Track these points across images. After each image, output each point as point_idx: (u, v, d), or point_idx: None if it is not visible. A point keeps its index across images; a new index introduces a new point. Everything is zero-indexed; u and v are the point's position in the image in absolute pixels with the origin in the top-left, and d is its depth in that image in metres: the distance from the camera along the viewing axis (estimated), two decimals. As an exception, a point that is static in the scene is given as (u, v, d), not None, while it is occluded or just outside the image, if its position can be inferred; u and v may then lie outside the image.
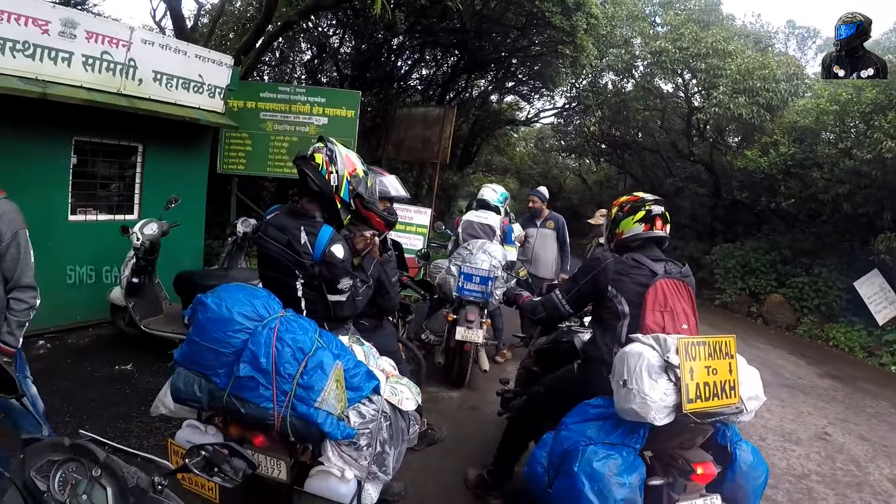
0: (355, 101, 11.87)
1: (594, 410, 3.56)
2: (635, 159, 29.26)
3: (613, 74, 24.00)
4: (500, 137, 30.67)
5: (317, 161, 3.76)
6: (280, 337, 3.03)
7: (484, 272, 7.23)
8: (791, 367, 11.66)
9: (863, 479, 6.59)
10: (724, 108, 17.44)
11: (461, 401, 7.19)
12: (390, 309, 4.55)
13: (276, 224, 3.74)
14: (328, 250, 3.55)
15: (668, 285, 3.80)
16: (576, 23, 14.96)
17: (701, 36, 19.27)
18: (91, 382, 6.76)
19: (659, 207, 4.07)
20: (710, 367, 3.25)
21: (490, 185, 8.85)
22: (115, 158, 9.09)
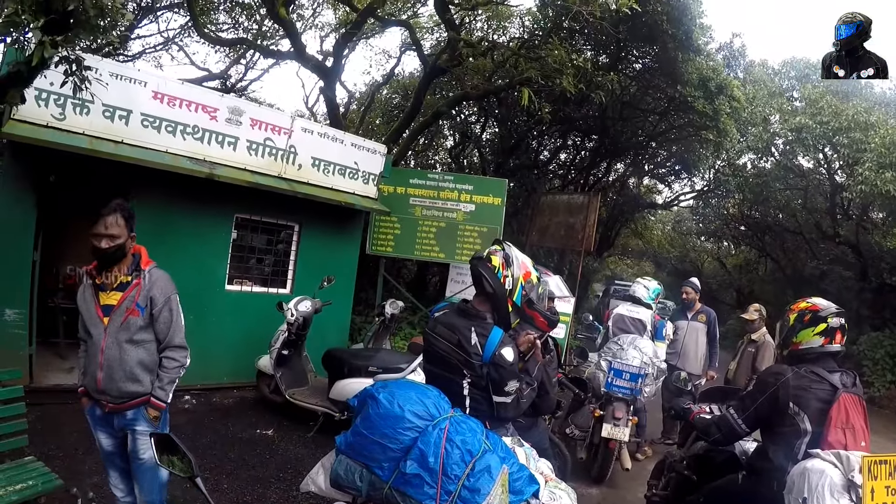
0: (502, 189, 12.08)
1: None
2: (776, 241, 28.37)
3: (752, 154, 23.68)
4: (637, 221, 30.35)
5: (493, 263, 3.78)
6: (450, 438, 3.02)
7: (634, 368, 7.17)
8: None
9: None
10: (871, 185, 16.70)
11: (601, 498, 7.05)
12: (548, 409, 4.52)
13: (445, 322, 3.78)
14: (498, 353, 3.56)
15: (848, 400, 3.64)
16: (718, 107, 14.91)
17: (841, 108, 18.70)
18: (232, 442, 7.08)
19: (839, 320, 3.90)
20: (889, 487, 3.11)
21: (642, 281, 8.84)
22: (273, 235, 9.74)
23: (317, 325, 8.59)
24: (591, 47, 16.31)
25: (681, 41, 13.94)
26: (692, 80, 14.41)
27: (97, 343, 3.99)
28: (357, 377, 7.20)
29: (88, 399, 4.19)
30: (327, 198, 9.32)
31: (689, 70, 14.35)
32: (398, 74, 21.77)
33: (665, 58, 14.67)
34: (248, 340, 8.99)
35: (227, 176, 8.19)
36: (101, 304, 4.01)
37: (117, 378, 3.99)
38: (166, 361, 4.19)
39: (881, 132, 17.18)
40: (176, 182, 7.91)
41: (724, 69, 16.46)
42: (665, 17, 13.18)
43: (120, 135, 7.53)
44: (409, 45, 16.94)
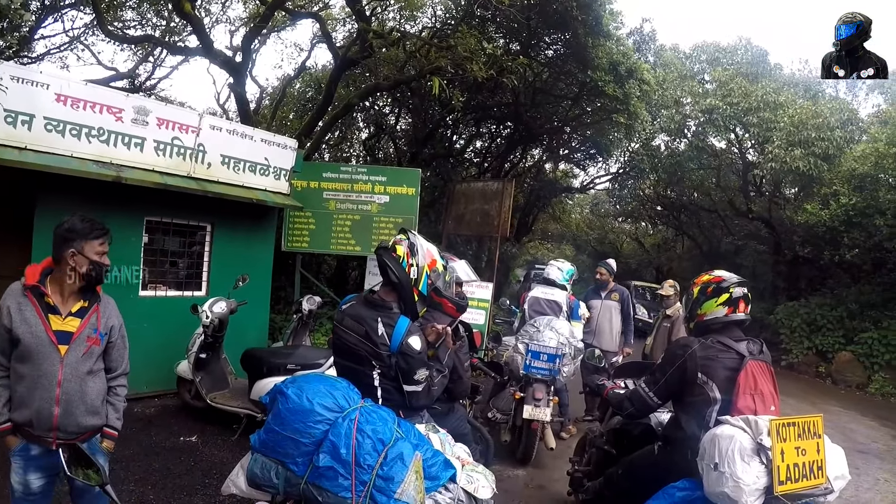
0: (416, 179, 12.09)
1: (680, 493, 3.53)
2: (692, 220, 29.14)
3: (666, 136, 24.16)
4: (555, 206, 30.61)
5: (398, 253, 3.79)
6: (360, 428, 3.05)
7: (551, 349, 7.22)
8: (864, 431, 11.24)
9: None
10: (781, 162, 17.41)
11: (528, 479, 7.06)
12: (462, 394, 4.55)
13: (352, 314, 3.78)
14: (405, 342, 3.56)
15: (756, 367, 3.74)
16: (629, 90, 15.12)
17: (750, 90, 19.43)
18: (156, 452, 6.88)
19: (742, 289, 4.00)
20: (799, 447, 3.24)
21: (556, 263, 8.82)
22: (185, 237, 9.45)
23: (235, 327, 8.42)
24: (503, 35, 16.31)
25: (591, 27, 14.02)
26: (602, 64, 14.54)
27: (50, 374, 3.59)
28: (276, 376, 6.99)
29: (19, 437, 3.69)
30: (238, 196, 9.06)
31: (600, 55, 14.45)
32: (310, 68, 21.44)
33: (576, 43, 14.72)
34: (167, 346, 8.70)
35: (135, 178, 7.90)
36: (55, 330, 3.61)
37: (78, 413, 3.67)
38: (119, 389, 3.98)
39: (790, 111, 17.93)
40: (83, 187, 7.63)
41: (635, 53, 16.65)
42: (575, 3, 13.25)
43: (23, 141, 7.22)
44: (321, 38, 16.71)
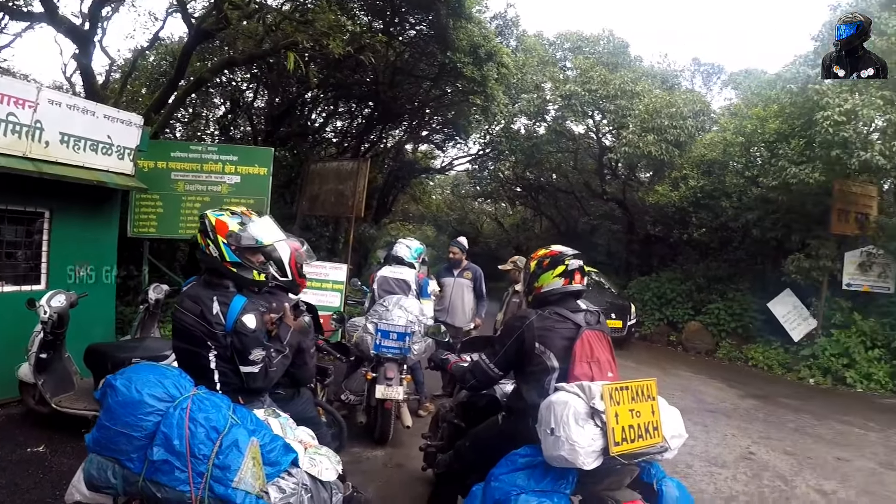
0: (268, 158, 11.60)
1: (522, 460, 3.53)
2: (550, 201, 29.94)
3: (526, 119, 24.57)
4: (415, 186, 30.71)
5: (198, 241, 3.78)
6: (192, 417, 2.96)
7: (401, 328, 7.20)
8: (713, 392, 11.96)
9: (790, 493, 6.74)
10: (634, 147, 18.10)
11: (386, 459, 6.99)
12: (306, 379, 4.43)
13: (190, 295, 3.69)
14: (239, 320, 3.51)
15: (592, 336, 3.84)
16: (487, 72, 15.23)
17: (609, 78, 20.17)
18: (2, 467, 6.33)
19: (577, 262, 4.11)
20: (633, 410, 3.34)
21: (404, 241, 8.74)
22: (22, 225, 8.51)
23: (79, 322, 7.76)
24: (366, 12, 16.09)
25: (454, 8, 14.05)
26: (463, 46, 14.60)
27: None
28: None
29: None
30: (76, 177, 8.27)
31: (461, 37, 14.53)
32: (165, 39, 20.11)
33: (439, 24, 14.73)
34: (6, 349, 7.84)
35: (-38, 160, 7.26)
36: None
37: None
38: None
39: (645, 100, 18.84)
40: None
41: (497, 38, 16.87)
42: (439, -16, 13.16)
43: None
44: (177, 6, 15.86)
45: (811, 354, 14.01)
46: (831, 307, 14.52)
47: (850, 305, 14.33)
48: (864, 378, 13.06)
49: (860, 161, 12.38)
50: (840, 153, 12.50)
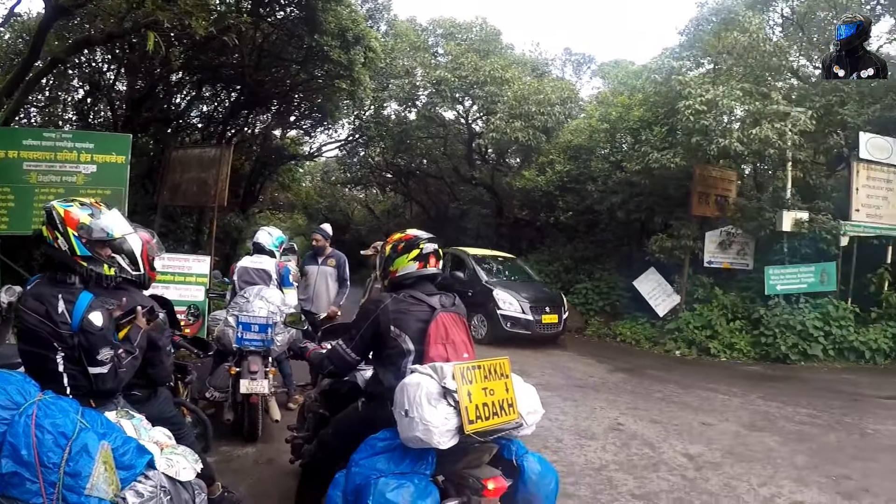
0: (126, 146, 10.81)
1: (381, 443, 3.59)
2: (420, 186, 30.06)
3: (397, 104, 24.53)
4: (284, 174, 30.02)
5: (45, 234, 3.55)
6: (39, 423, 2.76)
7: (262, 319, 7.00)
8: (582, 368, 12.27)
9: (658, 459, 7.03)
10: (502, 133, 18.49)
11: (257, 455, 6.76)
12: (164, 378, 4.23)
13: (34, 293, 3.45)
14: (86, 318, 3.30)
15: (447, 318, 3.88)
16: (353, 57, 15.05)
17: (480, 65, 20.46)
18: None
19: (432, 245, 4.15)
20: (486, 388, 3.40)
21: (265, 229, 8.59)
22: None
23: None
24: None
25: (324, -11, 13.81)
26: (331, 29, 14.41)
27: None
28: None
29: None
30: None
31: (330, 20, 14.35)
32: (22, 14, 18.86)
33: (308, 6, 14.49)
34: None
35: None
36: None
37: None
38: None
39: (514, 87, 19.26)
40: None
41: (367, 21, 16.72)
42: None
43: None
44: (34, -22, 14.80)
45: (676, 328, 14.84)
46: (694, 283, 15.55)
47: (712, 281, 15.42)
48: (727, 348, 13.97)
49: (719, 147, 13.35)
50: (700, 140, 13.37)
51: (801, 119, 13.42)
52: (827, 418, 9.02)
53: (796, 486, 6.29)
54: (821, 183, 16.09)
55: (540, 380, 10.71)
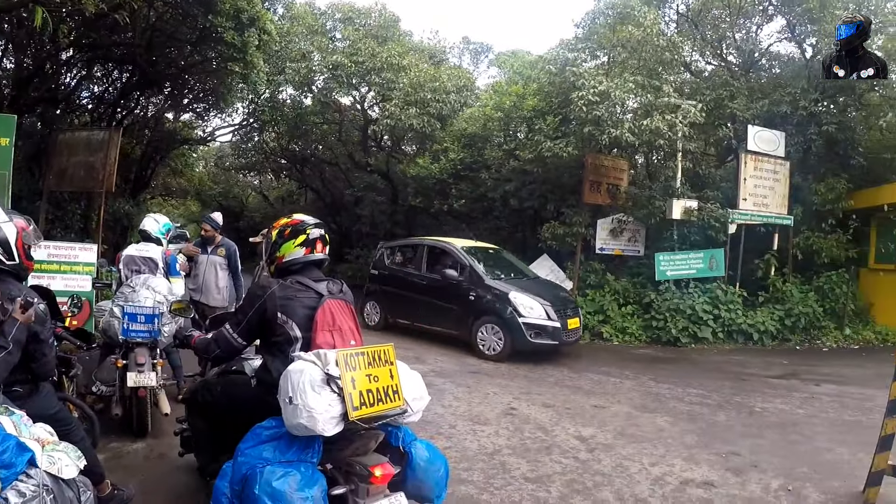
0: (10, 127, 10.13)
1: (267, 432, 3.55)
2: (315, 173, 29.72)
3: (293, 89, 24.14)
4: (177, 158, 29.18)
5: None
6: None
7: (148, 309, 6.75)
8: (476, 354, 12.22)
9: (551, 442, 7.14)
10: (396, 120, 18.46)
11: (147, 451, 6.53)
12: (47, 373, 4.06)
13: None
14: None
15: (334, 305, 3.91)
16: (248, 39, 14.72)
17: (378, 51, 20.36)
18: None
19: (319, 230, 4.18)
20: (371, 374, 3.44)
21: (151, 216, 8.28)
22: None
23: None
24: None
25: (220, -32, 13.53)
26: (225, 10, 14.03)
27: None
28: None
29: None
30: None
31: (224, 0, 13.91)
32: None
33: (203, -15, 14.04)
34: None
35: None
36: None
37: None
38: None
39: (410, 74, 19.26)
40: None
41: (263, 3, 16.38)
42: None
43: None
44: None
45: None
46: (586, 269, 16.00)
47: (604, 267, 15.97)
48: (620, 332, 14.47)
49: (611, 137, 13.76)
50: (592, 130, 13.73)
51: (691, 112, 14.00)
52: (716, 398, 9.39)
53: (687, 465, 6.50)
54: (710, 173, 16.90)
55: (434, 366, 10.82)
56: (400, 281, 14.12)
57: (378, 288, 14.73)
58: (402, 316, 14.10)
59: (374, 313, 14.60)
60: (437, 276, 13.20)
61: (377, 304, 14.61)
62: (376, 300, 14.66)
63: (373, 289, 14.84)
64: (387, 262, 14.84)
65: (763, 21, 19.40)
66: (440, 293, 13.07)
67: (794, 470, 6.45)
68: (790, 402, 9.29)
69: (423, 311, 13.51)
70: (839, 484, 6.09)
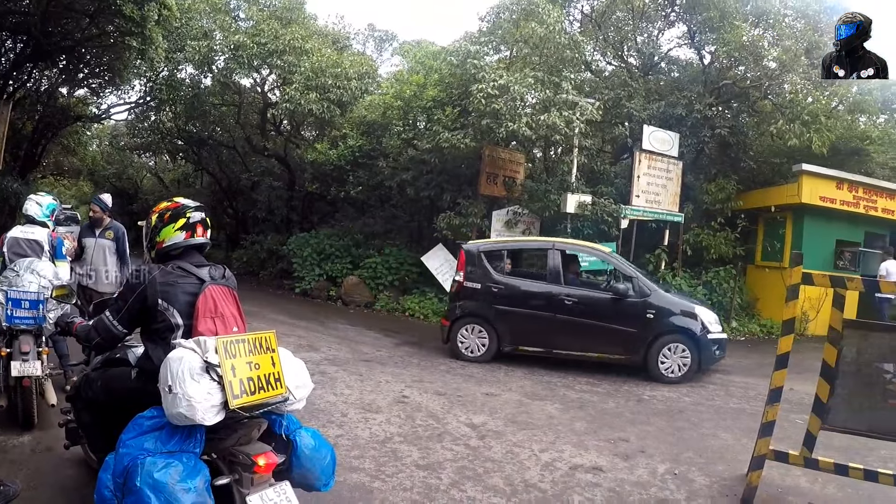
0: None
1: (148, 422, 3.47)
2: (212, 156, 28.88)
3: (192, 68, 23.53)
4: (69, 136, 28.18)
5: None
6: None
7: (33, 295, 6.46)
8: (370, 342, 12.40)
9: (442, 430, 7.17)
10: (296, 104, 18.19)
11: (34, 443, 6.24)
12: None
13: None
14: None
15: (216, 291, 3.86)
16: (147, 13, 14.43)
17: (281, 33, 19.98)
18: None
19: (199, 214, 4.10)
20: (251, 362, 3.42)
21: (33, 198, 7.83)
22: None
23: None
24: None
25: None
26: (125, -19, 13.66)
27: None
28: None
29: None
30: None
31: (124, -29, 13.57)
32: None
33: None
34: None
35: None
36: None
37: None
38: None
39: (313, 59, 19.03)
40: None
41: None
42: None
43: None
44: None
45: None
46: None
47: None
48: None
49: (508, 131, 13.88)
50: (490, 122, 13.88)
51: (588, 109, 14.37)
52: (606, 387, 9.68)
53: (576, 451, 6.64)
54: (605, 170, 17.32)
55: (327, 354, 10.78)
56: (523, 298, 11.11)
57: (484, 308, 11.20)
58: (530, 342, 10.97)
59: (476, 341, 11.20)
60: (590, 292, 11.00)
61: (483, 329, 11.15)
62: (483, 323, 11.20)
63: (472, 308, 11.31)
64: (493, 271, 11.41)
65: (665, 26, 20.17)
66: (596, 312, 10.60)
67: (681, 455, 6.70)
68: (677, 391, 9.62)
69: (568, 336, 10.76)
70: (723, 468, 6.38)
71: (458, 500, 5.30)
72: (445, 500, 5.29)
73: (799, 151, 16.44)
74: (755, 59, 16.39)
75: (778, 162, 17.95)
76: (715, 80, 17.83)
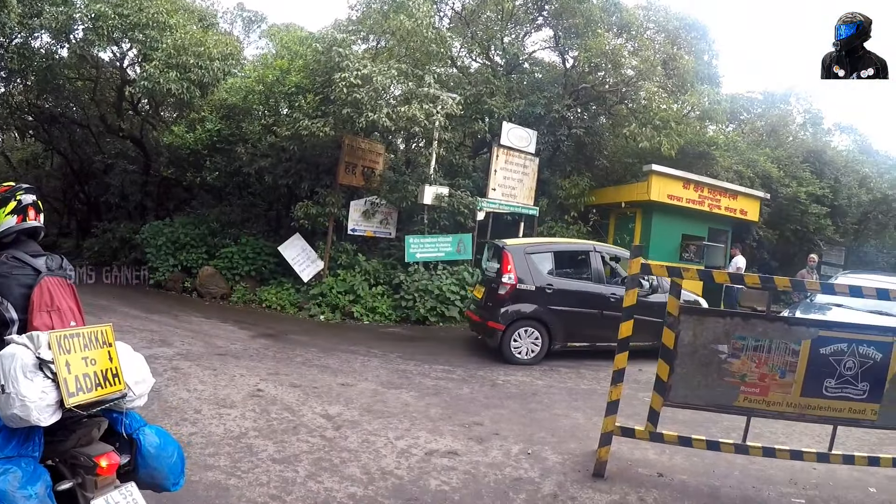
0: None
1: None
2: (63, 134, 27.15)
3: (49, 36, 22.22)
4: None
5: None
6: None
7: None
8: (224, 335, 12.17)
9: (298, 422, 7.14)
10: (154, 82, 17.39)
11: None
12: None
13: None
14: None
15: (53, 283, 3.64)
16: (0, -28, 13.59)
17: (145, 5, 18.92)
18: None
19: (31, 196, 3.84)
20: (87, 357, 3.28)
21: None
22: None
23: None
24: None
25: None
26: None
27: None
28: None
29: None
30: None
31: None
32: None
33: None
34: None
35: None
36: None
37: None
38: None
39: (176, 35, 18.19)
40: None
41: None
42: None
43: None
44: None
45: (320, 293, 15.31)
46: (338, 250, 16.28)
47: (355, 248, 16.36)
48: (370, 311, 14.83)
49: (368, 121, 13.93)
50: (351, 112, 13.91)
51: (449, 103, 14.58)
52: (461, 373, 9.91)
53: (431, 436, 6.79)
54: (464, 163, 17.52)
55: (180, 349, 10.52)
56: (574, 297, 11.33)
57: (539, 309, 11.11)
58: (578, 339, 11.33)
59: (530, 342, 11.09)
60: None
61: (537, 331, 11.09)
62: (537, 325, 11.13)
63: (527, 310, 11.11)
64: (544, 273, 11.46)
65: (532, 29, 20.78)
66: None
67: (534, 435, 7.00)
68: (530, 375, 9.97)
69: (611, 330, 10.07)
70: (575, 445, 6.69)
71: (315, 491, 5.32)
72: (303, 492, 5.30)
73: (650, 153, 17.36)
74: (615, 66, 17.25)
75: (630, 162, 18.99)
76: (575, 83, 18.49)
